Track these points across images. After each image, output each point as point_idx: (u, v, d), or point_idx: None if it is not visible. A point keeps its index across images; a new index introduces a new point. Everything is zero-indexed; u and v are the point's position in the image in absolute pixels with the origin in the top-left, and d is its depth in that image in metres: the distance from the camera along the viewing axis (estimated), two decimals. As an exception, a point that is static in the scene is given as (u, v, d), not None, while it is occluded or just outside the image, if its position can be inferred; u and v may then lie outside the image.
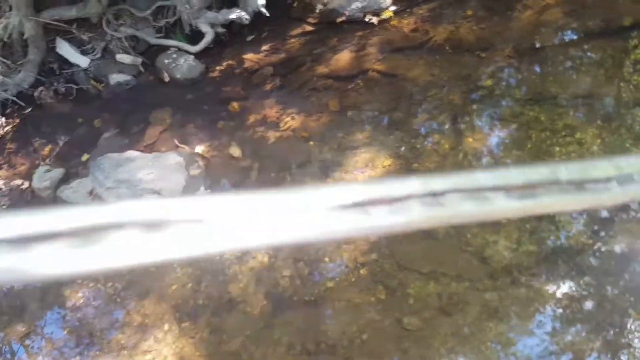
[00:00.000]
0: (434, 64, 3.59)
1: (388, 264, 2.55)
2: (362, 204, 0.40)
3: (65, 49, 3.99)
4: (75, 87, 3.92)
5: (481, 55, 3.58)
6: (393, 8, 4.04)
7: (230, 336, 2.41)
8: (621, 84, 3.35)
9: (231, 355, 2.36)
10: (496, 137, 3.16)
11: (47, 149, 3.60)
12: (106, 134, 3.59)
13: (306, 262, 2.61)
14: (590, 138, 2.98)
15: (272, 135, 3.34)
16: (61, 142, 3.61)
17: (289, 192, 0.40)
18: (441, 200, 0.42)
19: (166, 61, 3.91)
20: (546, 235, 2.57)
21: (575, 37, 3.73)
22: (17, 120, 3.84)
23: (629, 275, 2.39)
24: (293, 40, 4.06)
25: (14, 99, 3.84)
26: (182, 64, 3.88)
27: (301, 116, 3.41)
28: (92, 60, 3.98)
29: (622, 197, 0.49)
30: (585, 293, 2.36)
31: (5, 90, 3.82)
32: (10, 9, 3.78)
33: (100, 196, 3.05)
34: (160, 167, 3.08)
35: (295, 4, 4.28)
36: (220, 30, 4.01)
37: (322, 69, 3.73)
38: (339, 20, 4.05)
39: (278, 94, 3.63)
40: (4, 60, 3.90)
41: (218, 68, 3.94)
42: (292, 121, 3.40)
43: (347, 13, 4.04)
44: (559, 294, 2.36)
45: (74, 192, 3.18)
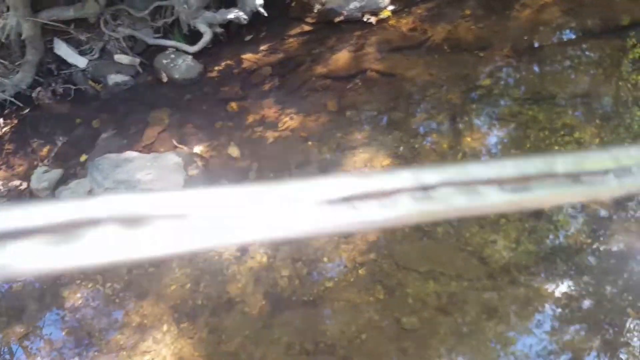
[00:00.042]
0: (433, 63, 3.58)
1: (387, 264, 2.55)
2: (350, 199, 0.39)
3: (63, 49, 3.98)
4: (74, 87, 3.91)
5: (480, 54, 3.58)
6: (391, 7, 4.03)
7: (229, 336, 2.40)
8: (619, 83, 3.35)
9: (230, 356, 2.36)
10: (495, 136, 3.16)
11: (46, 149, 3.59)
12: (104, 135, 3.58)
13: (305, 262, 2.61)
14: (589, 137, 2.98)
15: (270, 135, 3.34)
16: (59, 143, 3.61)
17: (275, 186, 0.40)
18: (432, 194, 0.41)
19: (164, 61, 3.91)
20: (545, 235, 2.57)
21: (573, 36, 3.72)
22: (15, 121, 3.83)
23: (627, 274, 2.39)
24: (291, 40, 4.05)
25: (12, 99, 3.83)
26: (181, 64, 3.87)
27: (300, 116, 3.40)
28: (90, 60, 3.98)
29: (619, 189, 0.49)
30: (584, 292, 2.36)
31: (3, 91, 3.81)
32: (8, 10, 3.78)
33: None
34: (159, 167, 3.07)
35: (293, 4, 4.27)
36: (219, 30, 4.00)
37: (320, 69, 3.73)
38: (337, 20, 4.05)
39: (276, 94, 3.63)
40: (2, 61, 3.90)
41: (216, 68, 3.93)
42: (290, 121, 3.39)
43: (345, 13, 4.03)
44: (558, 293, 2.36)
45: (72, 192, 3.18)
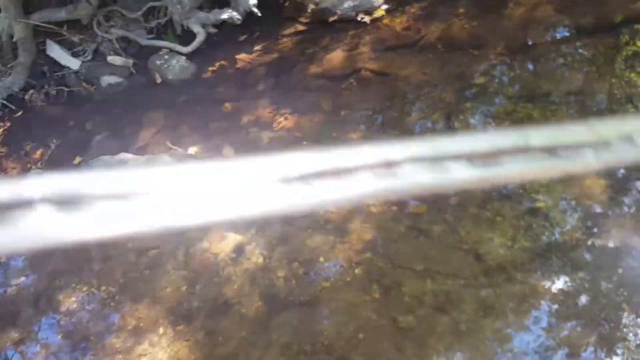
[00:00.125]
0: (427, 62, 3.58)
1: (383, 263, 2.54)
2: (307, 176, 0.37)
3: (55, 51, 3.95)
4: (67, 89, 3.89)
5: (474, 53, 3.58)
6: (385, 7, 4.03)
7: (226, 338, 2.39)
8: (613, 80, 3.36)
9: (227, 358, 2.34)
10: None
11: (39, 152, 3.57)
12: (98, 137, 3.56)
13: (301, 263, 2.60)
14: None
15: (265, 136, 3.33)
16: (53, 146, 3.58)
17: (229, 165, 0.38)
18: (396, 171, 0.39)
19: (158, 62, 3.89)
20: (541, 232, 2.58)
21: (567, 34, 3.74)
22: (8, 124, 3.81)
23: (622, 270, 2.40)
24: (285, 40, 4.05)
25: (4, 102, 3.80)
26: (174, 65, 3.85)
27: (294, 116, 3.39)
28: (83, 62, 3.95)
29: (596, 163, 0.47)
30: (580, 288, 2.36)
31: (-5, 94, 3.79)
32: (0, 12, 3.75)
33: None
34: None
35: (287, 4, 4.26)
36: (212, 30, 3.99)
37: (315, 69, 3.72)
38: (331, 19, 4.04)
39: (271, 94, 3.62)
40: (-6, 64, 3.87)
41: (210, 69, 3.92)
42: (285, 121, 3.38)
43: (339, 12, 4.03)
44: (554, 289, 2.36)
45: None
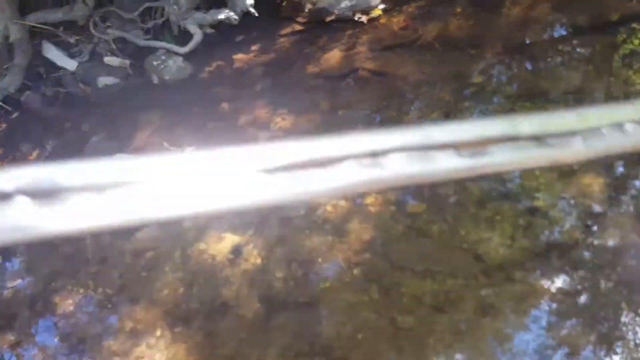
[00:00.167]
0: (425, 61, 3.58)
1: (381, 263, 2.53)
2: (290, 167, 0.36)
3: (52, 52, 3.94)
4: (63, 90, 3.87)
5: (471, 52, 3.58)
6: (382, 6, 4.03)
7: (224, 340, 2.38)
8: (611, 78, 3.36)
9: (225, 359, 2.33)
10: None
11: (35, 153, 3.55)
12: (94, 138, 3.55)
13: (299, 263, 2.59)
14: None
15: (263, 136, 3.31)
16: (49, 147, 3.57)
17: (208, 155, 0.36)
18: (381, 161, 0.38)
19: (155, 63, 3.87)
20: (540, 231, 2.57)
21: (564, 33, 3.74)
22: (4, 125, 3.79)
23: (621, 268, 2.40)
24: (283, 40, 4.04)
25: (1, 103, 3.78)
26: (171, 66, 3.84)
27: (292, 116, 3.38)
28: (79, 63, 3.94)
29: (586, 153, 0.46)
30: (579, 287, 2.36)
31: (-9, 95, 3.77)
32: (-5, 13, 3.73)
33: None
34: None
35: (284, 4, 4.26)
36: (209, 31, 3.98)
37: (312, 69, 3.71)
38: (328, 19, 4.04)
39: (268, 94, 3.61)
40: (-11, 65, 3.85)
41: (207, 69, 3.91)
42: (283, 122, 3.37)
43: (336, 12, 4.02)
44: (553, 288, 2.35)
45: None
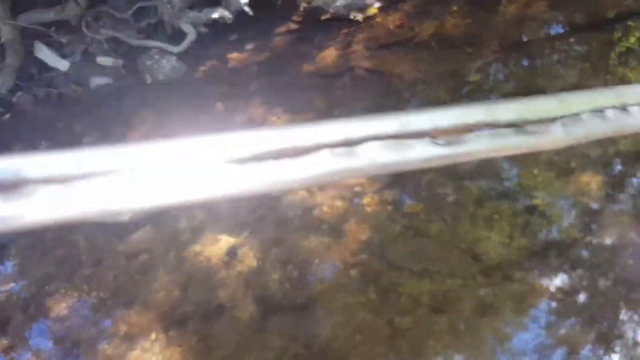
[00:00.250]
0: (421, 60, 3.56)
1: (379, 264, 2.51)
2: (261, 156, 0.34)
3: (44, 52, 3.90)
4: (55, 91, 3.83)
5: (468, 50, 3.57)
6: (378, 5, 4.01)
7: (220, 343, 2.35)
8: (607, 76, 3.36)
9: (221, 362, 2.30)
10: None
11: (27, 155, 3.51)
12: (87, 139, 3.52)
13: (295, 265, 2.56)
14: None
15: (258, 135, 3.29)
16: (41, 148, 3.53)
17: (176, 144, 0.35)
18: (356, 150, 0.37)
19: (148, 62, 3.84)
20: (538, 230, 2.56)
21: (560, 31, 3.73)
22: (-5, 127, 3.75)
23: (620, 267, 2.39)
24: (278, 38, 4.01)
25: (-8, 104, 3.75)
26: (165, 65, 3.81)
27: (287, 115, 3.36)
28: (71, 63, 3.90)
29: (566, 139, 0.44)
30: (577, 286, 2.35)
31: (-17, 96, 3.72)
32: (-15, 13, 3.68)
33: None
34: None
35: (279, 2, 4.23)
36: (203, 30, 3.95)
37: (308, 67, 3.69)
38: (323, 17, 4.01)
39: (263, 93, 3.58)
40: (-20, 66, 3.80)
41: (202, 68, 3.88)
42: (278, 121, 3.34)
43: (331, 10, 4.00)
44: (552, 287, 2.34)
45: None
